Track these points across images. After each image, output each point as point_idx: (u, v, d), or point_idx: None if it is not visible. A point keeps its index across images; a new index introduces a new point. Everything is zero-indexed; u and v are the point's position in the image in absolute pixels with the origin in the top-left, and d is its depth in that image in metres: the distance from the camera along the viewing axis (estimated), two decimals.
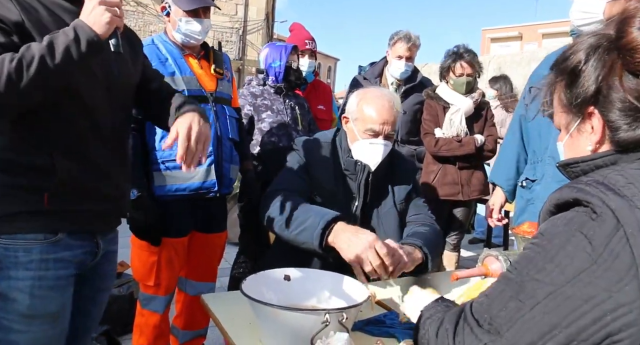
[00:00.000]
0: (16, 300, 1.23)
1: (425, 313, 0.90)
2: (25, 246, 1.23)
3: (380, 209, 1.81)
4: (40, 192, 1.23)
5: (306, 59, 2.92)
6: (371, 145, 1.72)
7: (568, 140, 0.88)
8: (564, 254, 0.69)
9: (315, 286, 1.35)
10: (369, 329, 1.26)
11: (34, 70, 1.10)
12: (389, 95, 1.77)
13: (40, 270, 1.25)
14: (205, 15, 2.11)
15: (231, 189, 2.20)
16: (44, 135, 1.23)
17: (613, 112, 0.78)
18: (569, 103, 0.84)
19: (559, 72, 0.86)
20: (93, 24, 1.19)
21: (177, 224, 2.06)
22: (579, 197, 0.72)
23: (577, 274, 0.67)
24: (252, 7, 16.97)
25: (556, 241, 0.71)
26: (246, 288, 1.17)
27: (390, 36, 3.11)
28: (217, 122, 2.09)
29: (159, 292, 2.09)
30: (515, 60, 11.41)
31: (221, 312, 1.33)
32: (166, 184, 2.00)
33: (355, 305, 1.14)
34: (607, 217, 0.67)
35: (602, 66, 0.79)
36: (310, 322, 1.06)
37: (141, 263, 2.07)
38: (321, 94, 3.14)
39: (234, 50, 16.60)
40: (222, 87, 2.18)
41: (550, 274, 0.69)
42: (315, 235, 1.43)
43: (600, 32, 0.82)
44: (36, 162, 1.22)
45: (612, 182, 0.71)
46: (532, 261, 0.73)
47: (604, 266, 0.66)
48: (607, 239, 0.67)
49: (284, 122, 2.59)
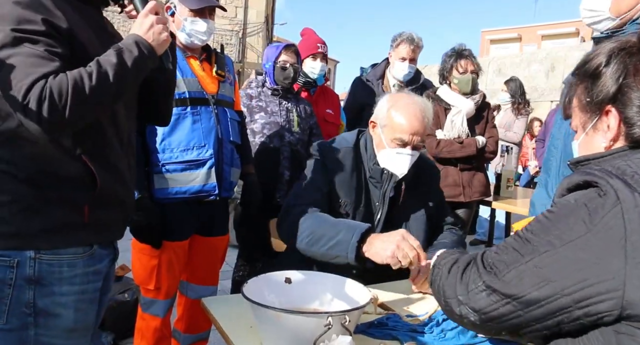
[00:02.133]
0: (60, 316, 1.21)
1: (441, 255, 1.04)
2: (70, 261, 1.21)
3: (408, 215, 1.78)
4: (80, 204, 1.21)
5: (318, 62, 2.89)
6: (398, 155, 1.67)
7: (584, 139, 0.93)
8: (566, 221, 0.79)
9: (317, 289, 1.34)
10: (371, 331, 1.25)
11: (115, 88, 1.15)
12: (421, 103, 1.71)
13: (83, 284, 1.25)
14: (211, 16, 2.11)
15: (232, 193, 2.19)
16: (76, 144, 1.20)
17: (631, 108, 0.84)
18: (588, 102, 0.90)
19: (580, 75, 0.93)
20: (152, 41, 1.23)
21: (177, 227, 2.05)
22: (588, 179, 0.79)
23: (573, 239, 0.77)
24: (251, 10, 17.00)
25: (564, 210, 0.81)
26: (247, 291, 1.16)
27: (393, 38, 3.10)
28: (219, 124, 2.08)
29: (159, 296, 2.07)
30: (515, 62, 11.41)
31: (222, 315, 1.32)
32: (167, 187, 1.99)
33: (358, 307, 1.13)
34: (610, 195, 0.76)
35: (623, 67, 0.85)
36: (313, 325, 1.05)
37: (142, 266, 2.05)
38: (329, 98, 3.13)
39: (233, 53, 16.62)
40: (224, 90, 2.17)
41: (550, 235, 0.79)
42: (351, 248, 1.41)
43: (623, 39, 0.89)
44: (72, 173, 1.19)
45: (620, 170, 0.78)
46: (540, 223, 0.83)
47: (598, 236, 0.75)
48: (605, 212, 0.75)
49: (276, 123, 2.58)
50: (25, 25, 1.09)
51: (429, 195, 1.84)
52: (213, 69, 2.16)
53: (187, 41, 2.10)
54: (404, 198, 1.77)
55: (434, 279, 0.99)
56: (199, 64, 2.14)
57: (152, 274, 2.03)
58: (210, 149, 2.03)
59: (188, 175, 2.00)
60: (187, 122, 2.00)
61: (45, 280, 1.18)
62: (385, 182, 1.73)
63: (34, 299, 1.17)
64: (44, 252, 1.18)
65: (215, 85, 2.14)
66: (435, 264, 1.02)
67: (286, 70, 2.58)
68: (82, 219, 1.21)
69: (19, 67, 1.07)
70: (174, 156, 1.98)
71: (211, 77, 2.15)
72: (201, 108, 2.04)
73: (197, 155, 2.01)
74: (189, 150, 1.99)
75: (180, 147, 1.98)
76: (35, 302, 1.18)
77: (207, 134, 2.03)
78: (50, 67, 1.09)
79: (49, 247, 1.18)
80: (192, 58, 2.12)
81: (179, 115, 1.99)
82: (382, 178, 1.73)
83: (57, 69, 1.10)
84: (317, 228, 1.52)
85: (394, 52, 3.07)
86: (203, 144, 2.02)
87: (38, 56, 1.09)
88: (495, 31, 31.66)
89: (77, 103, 1.10)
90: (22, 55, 1.08)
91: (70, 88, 1.08)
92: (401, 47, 3.03)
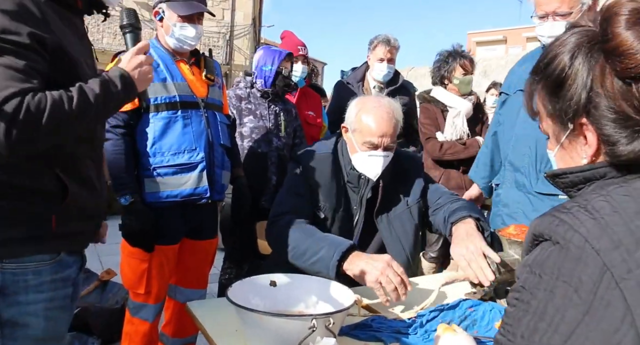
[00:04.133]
0: (29, 326, 1.18)
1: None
2: (35, 268, 1.18)
3: (390, 214, 1.79)
4: (48, 215, 1.19)
5: (299, 64, 2.92)
6: (370, 157, 1.69)
7: (560, 152, 0.79)
8: (553, 310, 0.63)
9: (302, 291, 1.35)
10: (356, 333, 1.26)
11: (91, 117, 1.17)
12: (388, 105, 1.72)
13: (51, 291, 1.22)
14: (199, 21, 2.12)
15: (223, 195, 2.20)
16: (49, 158, 1.18)
17: (606, 124, 0.69)
18: (556, 114, 0.76)
19: (542, 77, 0.78)
20: (137, 78, 1.27)
21: (168, 230, 2.05)
22: (557, 232, 0.65)
23: (572, 329, 0.61)
24: (239, 12, 16.94)
25: (539, 295, 0.65)
26: (232, 294, 1.16)
27: (370, 41, 3.16)
28: (209, 128, 2.09)
29: (149, 300, 2.06)
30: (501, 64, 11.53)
31: (207, 319, 1.32)
32: (158, 191, 1.99)
33: (342, 310, 1.15)
34: (590, 259, 0.61)
35: (588, 70, 0.70)
36: (297, 328, 1.06)
37: (131, 271, 2.04)
38: (311, 100, 3.16)
39: (221, 55, 16.54)
40: (213, 94, 2.18)
41: (545, 335, 0.63)
42: (332, 266, 1.43)
43: (585, 28, 0.73)
44: (45, 186, 1.17)
45: (597, 209, 0.64)
46: (521, 322, 0.66)
47: (597, 317, 0.60)
48: (595, 285, 0.60)
49: (265, 127, 2.59)
50: (9, 36, 1.06)
51: (411, 186, 1.84)
52: (202, 72, 2.16)
53: (176, 46, 2.10)
54: (383, 198, 1.78)
55: None
56: (189, 68, 2.14)
57: (142, 278, 2.02)
58: (202, 152, 2.04)
59: (179, 179, 2.00)
60: (177, 125, 2.01)
61: (9, 290, 1.15)
62: (362, 187, 1.75)
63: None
64: (7, 261, 1.14)
65: (204, 89, 2.15)
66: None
67: (287, 78, 2.62)
68: (49, 229, 1.19)
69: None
70: (165, 160, 1.99)
71: (201, 81, 2.16)
72: (192, 112, 2.05)
73: (189, 159, 2.02)
74: (180, 154, 2.00)
75: (171, 151, 1.99)
76: (0, 313, 1.15)
77: (198, 137, 2.04)
78: (29, 83, 1.06)
79: (13, 256, 1.15)
80: (181, 62, 2.13)
81: (169, 118, 2.00)
82: (359, 183, 1.75)
83: (35, 86, 1.07)
84: (301, 242, 1.54)
85: (372, 54, 3.12)
86: (194, 148, 2.02)
87: (18, 70, 1.05)
88: (482, 33, 31.93)
89: (52, 126, 1.08)
90: (1, 67, 1.04)
91: (48, 109, 1.06)
92: (378, 48, 3.09)
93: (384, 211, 1.79)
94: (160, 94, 2.00)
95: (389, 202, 1.80)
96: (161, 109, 2.00)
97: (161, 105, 2.00)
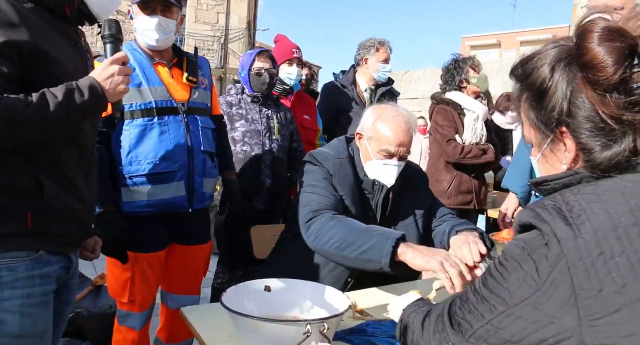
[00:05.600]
0: (5, 322, 1.19)
1: (409, 307, 1.02)
2: (9, 265, 1.19)
3: (397, 224, 1.80)
4: (24, 213, 1.19)
5: (294, 67, 2.88)
6: (385, 166, 1.69)
7: (542, 159, 0.86)
8: (515, 278, 0.74)
9: (297, 297, 1.35)
10: (351, 338, 1.26)
11: (49, 124, 1.15)
12: (406, 115, 1.72)
13: (28, 288, 1.22)
14: (165, 14, 1.95)
15: (206, 204, 2.12)
16: (30, 158, 1.20)
17: (583, 133, 0.76)
18: (539, 123, 0.82)
19: (525, 87, 0.84)
20: (108, 90, 1.25)
21: (149, 239, 1.98)
22: (533, 223, 0.74)
23: (524, 299, 0.73)
24: (233, 16, 16.97)
25: (512, 264, 0.76)
26: (226, 300, 1.16)
27: (370, 44, 3.17)
28: (189, 134, 1.98)
29: (134, 309, 2.01)
30: (495, 68, 11.58)
31: (201, 325, 1.31)
32: (135, 201, 1.91)
33: (337, 315, 1.14)
34: (553, 246, 0.71)
35: (567, 82, 0.77)
36: (292, 334, 1.06)
37: (115, 279, 1.99)
38: (306, 104, 3.15)
39: (215, 59, 16.56)
40: (196, 97, 2.06)
41: (503, 293, 0.75)
42: (386, 252, 1.40)
43: (562, 43, 0.80)
44: (21, 184, 1.18)
45: (570, 207, 0.72)
46: (493, 277, 0.78)
47: (548, 295, 0.71)
48: (551, 268, 0.70)
49: (257, 131, 2.57)
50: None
51: (418, 199, 1.85)
52: (184, 75, 2.04)
53: (144, 43, 1.99)
54: (393, 206, 1.79)
55: (406, 333, 0.96)
56: (168, 71, 2.02)
57: (126, 287, 1.97)
58: (179, 161, 1.94)
59: (156, 188, 1.92)
60: (154, 133, 1.91)
61: None
62: (377, 193, 1.76)
63: None
64: None
65: (186, 93, 2.03)
66: (404, 317, 1.00)
67: (262, 76, 2.56)
68: (25, 227, 1.20)
69: None
70: (142, 169, 1.90)
71: (182, 84, 2.03)
72: (169, 118, 1.94)
73: (166, 168, 1.92)
74: (156, 163, 1.90)
75: (147, 160, 1.89)
76: None
77: (176, 145, 1.94)
78: None
79: None
80: (160, 65, 2.00)
81: (145, 126, 1.90)
82: (373, 189, 1.76)
83: None
84: (349, 233, 1.51)
85: (374, 57, 3.14)
86: (172, 156, 1.93)
87: None
88: (476, 38, 32.09)
89: (2, 127, 1.08)
90: None
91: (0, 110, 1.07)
92: (382, 50, 3.15)
93: (392, 221, 1.80)
94: (135, 100, 1.89)
95: (396, 213, 1.81)
96: (137, 116, 1.90)
97: (136, 112, 1.90)
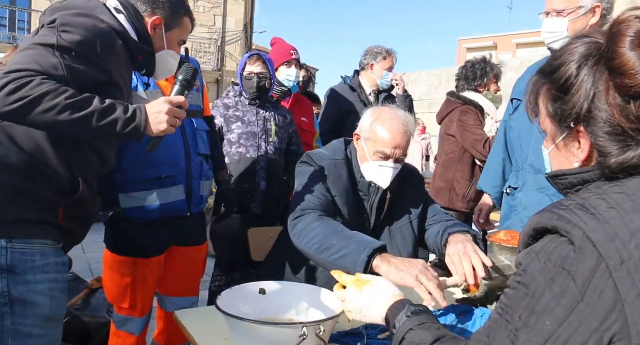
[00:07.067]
0: (38, 304, 1.25)
1: (407, 323, 0.89)
2: (41, 250, 1.26)
3: (392, 226, 1.79)
4: (57, 206, 1.28)
5: (293, 68, 2.88)
6: (381, 167, 1.69)
7: (554, 151, 0.84)
8: (550, 295, 0.67)
9: (292, 299, 1.34)
10: (346, 340, 1.25)
11: (79, 119, 1.17)
12: (404, 117, 1.73)
13: (55, 273, 1.30)
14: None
15: (202, 207, 2.12)
16: (69, 158, 1.29)
17: (601, 136, 0.74)
18: (556, 117, 0.80)
19: (548, 81, 0.82)
20: (152, 122, 1.30)
21: (149, 244, 1.97)
22: (558, 226, 0.69)
23: (567, 315, 0.65)
24: (230, 18, 16.97)
25: (541, 280, 0.69)
26: (221, 303, 1.15)
27: (378, 51, 3.27)
28: (184, 136, 1.98)
29: (135, 314, 2.00)
30: None
31: (195, 328, 1.30)
32: (133, 206, 1.90)
33: (332, 317, 1.14)
34: (588, 250, 0.65)
35: (592, 83, 0.75)
36: (288, 336, 1.05)
37: (114, 285, 1.97)
38: (304, 106, 3.17)
39: (212, 62, 16.56)
40: (189, 99, 2.00)
41: (541, 318, 0.68)
42: (360, 262, 1.39)
43: (593, 40, 0.78)
44: (62, 179, 1.27)
45: (594, 206, 0.68)
46: (520, 304, 0.71)
47: (591, 304, 0.64)
48: (591, 275, 0.64)
49: (253, 133, 2.56)
50: (81, 48, 1.22)
51: (414, 200, 1.85)
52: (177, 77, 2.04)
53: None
54: (389, 208, 1.79)
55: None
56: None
57: (127, 292, 1.96)
58: (177, 165, 1.94)
59: (155, 194, 1.91)
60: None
61: (18, 269, 1.22)
62: (372, 195, 1.76)
63: (8, 288, 1.20)
64: (17, 241, 1.22)
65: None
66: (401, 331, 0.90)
67: (251, 80, 2.57)
68: (56, 218, 1.28)
69: (28, 55, 1.16)
70: (139, 175, 1.89)
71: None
72: None
73: (164, 172, 1.91)
74: (154, 168, 1.89)
75: (144, 165, 1.88)
76: (10, 291, 1.21)
77: (173, 148, 1.93)
78: (50, 71, 1.15)
79: (22, 236, 1.23)
80: None
81: None
82: (369, 191, 1.76)
83: (54, 75, 1.15)
84: (329, 237, 1.50)
85: (379, 64, 3.26)
86: (170, 160, 1.92)
87: (49, 62, 1.16)
88: (472, 40, 32.23)
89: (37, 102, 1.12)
90: (40, 51, 1.17)
91: (38, 94, 1.12)
92: (388, 59, 3.29)
93: (387, 223, 1.80)
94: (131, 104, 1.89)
95: (392, 215, 1.81)
96: None
97: None
